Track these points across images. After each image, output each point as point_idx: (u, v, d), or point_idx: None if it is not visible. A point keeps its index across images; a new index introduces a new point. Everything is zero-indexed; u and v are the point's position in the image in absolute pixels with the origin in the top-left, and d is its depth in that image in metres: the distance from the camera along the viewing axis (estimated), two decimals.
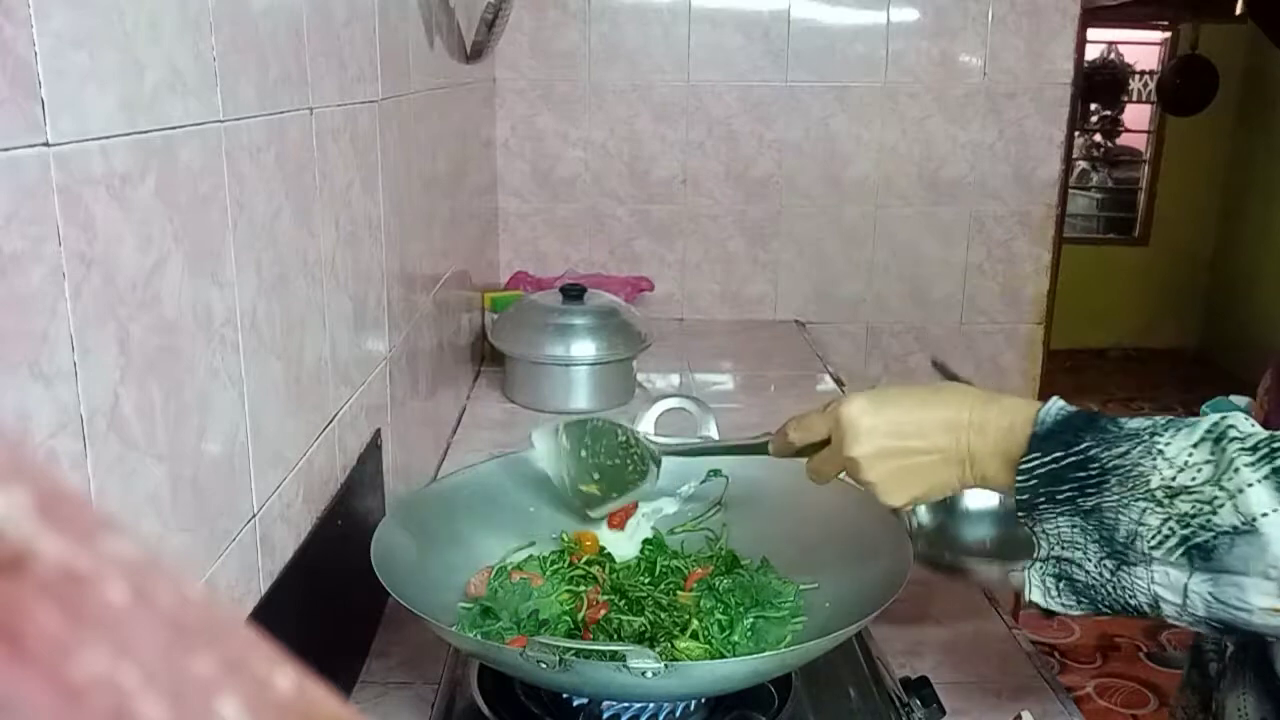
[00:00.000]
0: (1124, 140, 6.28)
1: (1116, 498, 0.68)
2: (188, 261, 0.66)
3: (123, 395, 0.58)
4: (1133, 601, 0.69)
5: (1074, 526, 0.70)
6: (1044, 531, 0.72)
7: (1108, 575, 0.69)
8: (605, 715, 0.87)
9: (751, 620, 0.96)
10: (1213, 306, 6.01)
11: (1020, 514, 0.73)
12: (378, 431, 1.16)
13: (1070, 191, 3.97)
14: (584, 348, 1.77)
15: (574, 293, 1.84)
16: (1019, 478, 0.72)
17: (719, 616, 0.96)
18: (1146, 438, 0.69)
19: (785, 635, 0.96)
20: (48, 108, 0.51)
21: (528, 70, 2.35)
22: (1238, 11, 4.15)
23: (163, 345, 0.63)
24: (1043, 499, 0.71)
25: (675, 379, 2.07)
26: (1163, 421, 0.71)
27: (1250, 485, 0.64)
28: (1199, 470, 0.66)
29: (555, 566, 1.04)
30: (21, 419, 0.49)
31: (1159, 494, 0.67)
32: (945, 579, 1.19)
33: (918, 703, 0.95)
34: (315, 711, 0.17)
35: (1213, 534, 0.64)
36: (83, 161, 0.54)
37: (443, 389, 1.63)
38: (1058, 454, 0.71)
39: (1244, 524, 0.63)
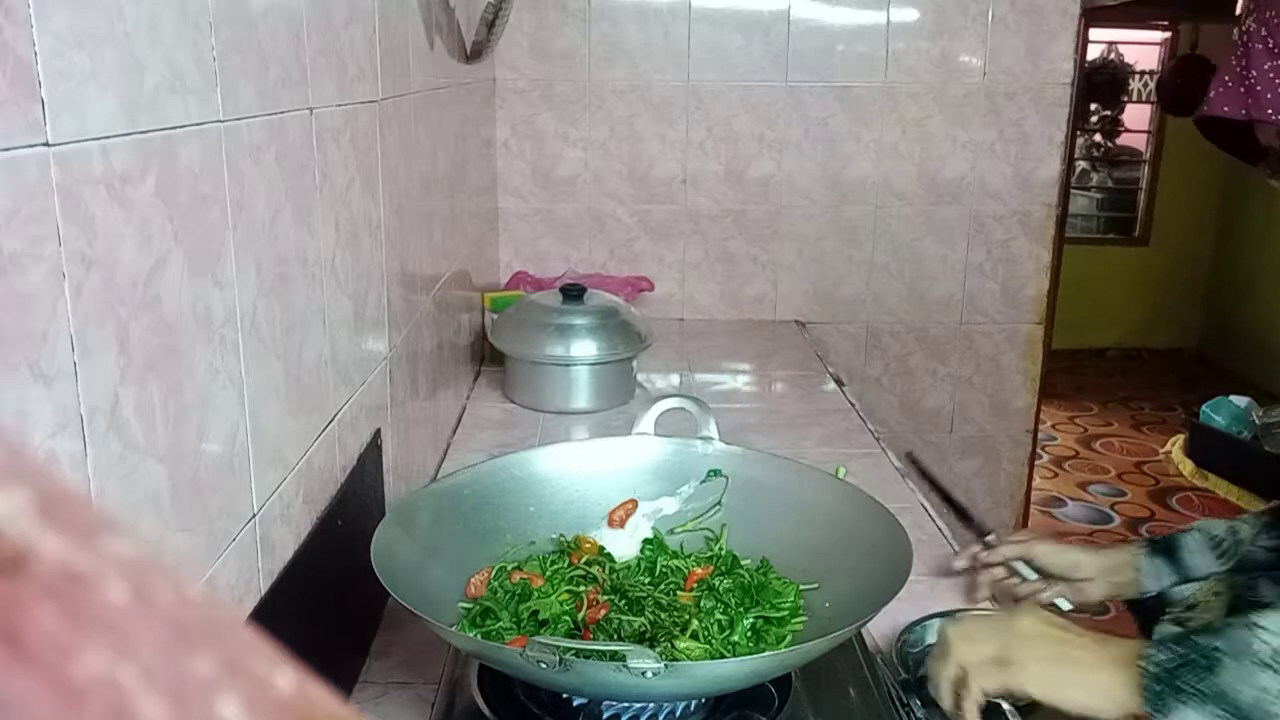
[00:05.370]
0: (1124, 140, 6.28)
1: (1233, 676, 0.75)
2: (188, 261, 0.66)
3: (123, 395, 0.58)
4: None
5: (1205, 714, 0.76)
6: None
7: None
8: (605, 715, 0.87)
9: (751, 620, 0.96)
10: (1213, 306, 6.01)
11: (1151, 710, 0.78)
12: (378, 431, 1.16)
13: (1070, 191, 3.97)
14: (584, 348, 1.77)
15: (574, 293, 1.84)
16: (1144, 676, 0.78)
17: (719, 616, 0.96)
18: (1243, 623, 0.78)
19: (785, 635, 0.96)
20: (48, 108, 0.51)
21: (528, 70, 2.35)
22: (1238, 11, 4.15)
23: (163, 345, 0.63)
24: (1168, 691, 0.77)
25: (675, 379, 2.07)
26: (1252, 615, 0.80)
27: None
28: None
29: (555, 566, 1.04)
30: (21, 419, 0.49)
31: (1267, 658, 0.75)
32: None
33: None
34: (315, 711, 0.17)
35: None
36: (83, 161, 0.54)
37: (443, 389, 1.63)
38: (1171, 649, 0.79)
39: None
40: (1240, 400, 4.04)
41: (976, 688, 0.84)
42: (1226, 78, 1.01)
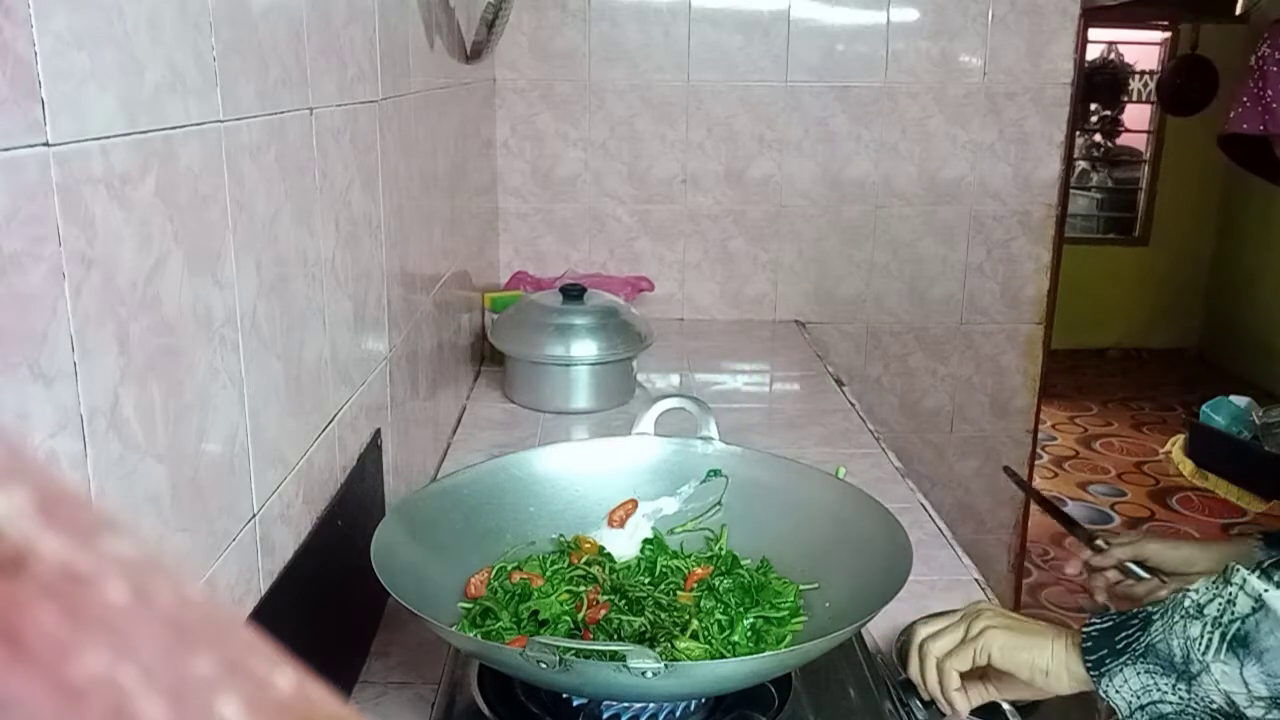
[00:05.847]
0: (1124, 140, 6.28)
1: (1162, 629, 0.80)
2: (188, 261, 0.66)
3: (123, 395, 0.58)
4: (1214, 706, 0.78)
5: (1140, 672, 0.80)
6: (1119, 693, 0.81)
7: (1186, 695, 0.78)
8: (605, 715, 0.87)
9: (751, 620, 0.96)
10: (1213, 306, 6.01)
11: (1093, 673, 0.82)
12: (378, 431, 1.16)
13: (1070, 191, 3.97)
14: (584, 348, 1.77)
15: (574, 293, 1.83)
16: (1084, 639, 0.83)
17: (719, 616, 0.96)
18: (1179, 590, 0.83)
19: (785, 635, 0.96)
20: (48, 108, 0.51)
21: (528, 70, 2.34)
22: (1238, 11, 4.15)
23: (163, 345, 0.63)
24: (1106, 651, 0.82)
25: (675, 379, 2.07)
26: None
27: (1249, 577, 0.77)
28: (1215, 584, 0.79)
29: (555, 566, 1.04)
30: (21, 419, 0.49)
31: (1191, 610, 0.79)
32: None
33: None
34: (315, 711, 0.17)
35: (1239, 621, 0.76)
36: (83, 161, 0.54)
37: (443, 389, 1.63)
38: (1112, 616, 0.85)
39: (1256, 603, 0.75)
40: (1240, 400, 4.04)
41: (951, 670, 0.89)
42: (1245, 99, 1.11)
